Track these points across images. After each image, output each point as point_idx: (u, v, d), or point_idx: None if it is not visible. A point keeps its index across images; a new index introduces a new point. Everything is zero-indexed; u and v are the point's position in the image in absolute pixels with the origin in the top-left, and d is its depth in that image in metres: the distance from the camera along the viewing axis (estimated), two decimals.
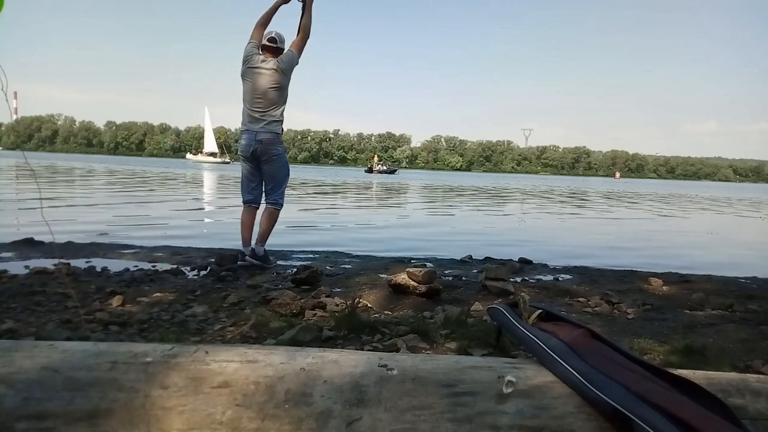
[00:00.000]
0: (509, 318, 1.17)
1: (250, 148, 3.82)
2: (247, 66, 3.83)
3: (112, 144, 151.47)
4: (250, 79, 3.82)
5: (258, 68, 3.80)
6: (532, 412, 0.88)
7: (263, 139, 3.81)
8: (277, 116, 3.87)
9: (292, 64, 3.87)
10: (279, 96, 3.86)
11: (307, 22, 3.87)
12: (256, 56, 3.83)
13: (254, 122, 3.83)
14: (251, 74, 3.81)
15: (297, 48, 3.89)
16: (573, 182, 57.25)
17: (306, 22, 3.87)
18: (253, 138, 3.81)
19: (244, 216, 3.96)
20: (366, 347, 2.11)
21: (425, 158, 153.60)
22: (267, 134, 3.82)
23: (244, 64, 3.85)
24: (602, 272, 4.39)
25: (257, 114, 3.82)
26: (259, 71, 3.80)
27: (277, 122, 3.88)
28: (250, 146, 3.82)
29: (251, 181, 3.96)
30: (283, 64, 3.81)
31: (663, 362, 2.01)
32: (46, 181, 16.46)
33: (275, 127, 3.87)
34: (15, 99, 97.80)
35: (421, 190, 23.51)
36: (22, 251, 4.30)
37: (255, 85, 3.80)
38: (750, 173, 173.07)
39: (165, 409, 0.85)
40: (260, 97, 3.81)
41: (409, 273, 3.04)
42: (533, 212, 12.80)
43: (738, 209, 17.49)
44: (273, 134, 3.85)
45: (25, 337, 2.09)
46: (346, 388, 0.88)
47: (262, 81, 3.79)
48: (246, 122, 3.88)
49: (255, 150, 3.82)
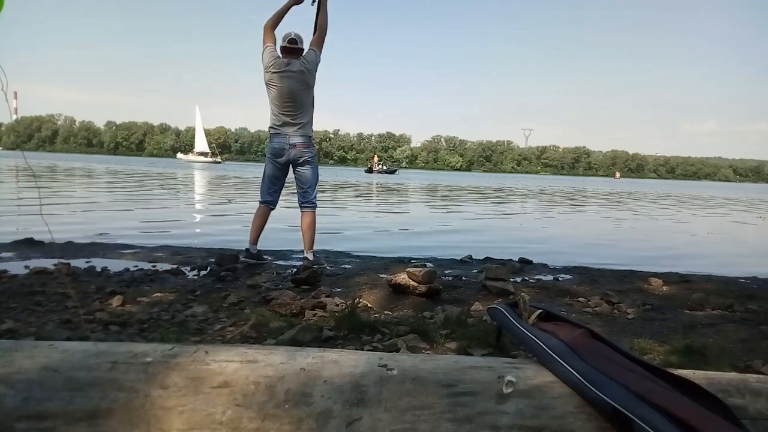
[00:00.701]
0: (509, 318, 1.17)
1: (284, 152, 3.85)
2: (272, 72, 3.79)
3: (112, 144, 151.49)
4: (277, 84, 3.79)
5: (284, 72, 3.78)
6: (532, 412, 0.88)
7: (297, 143, 3.84)
8: (308, 118, 3.92)
9: (316, 64, 3.88)
10: (308, 97, 3.89)
11: (323, 20, 3.87)
12: (278, 60, 3.80)
13: (286, 126, 3.84)
14: (278, 79, 3.79)
15: (317, 46, 3.89)
16: (573, 182, 57.25)
17: (322, 20, 3.86)
18: (287, 142, 3.83)
19: (258, 216, 3.96)
20: (366, 347, 2.11)
21: (425, 158, 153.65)
22: (301, 138, 3.85)
23: (268, 70, 3.80)
24: (602, 272, 4.39)
25: (288, 118, 3.83)
26: (286, 75, 3.78)
27: (309, 124, 3.93)
28: (284, 150, 3.84)
29: (274, 183, 3.97)
30: (308, 64, 3.81)
31: (663, 362, 2.01)
32: (46, 181, 16.46)
33: (308, 130, 3.92)
34: (15, 99, 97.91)
35: (421, 190, 23.51)
36: (22, 251, 4.30)
37: (284, 89, 3.78)
38: (750, 173, 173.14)
39: (165, 409, 0.86)
40: (290, 101, 3.81)
41: (409, 273, 3.04)
42: (533, 212, 12.81)
43: (738, 209, 17.49)
44: (306, 137, 3.89)
45: (25, 337, 2.09)
46: (346, 388, 0.88)
47: (291, 84, 3.79)
48: (277, 125, 3.87)
49: (289, 154, 3.85)
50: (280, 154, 3.87)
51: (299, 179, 3.97)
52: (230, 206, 10.76)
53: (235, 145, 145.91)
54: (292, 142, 3.83)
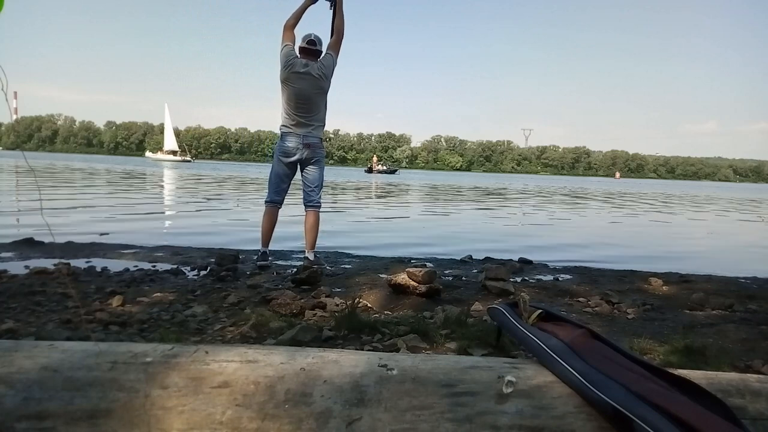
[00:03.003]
0: (509, 318, 1.17)
1: (297, 151, 3.87)
2: (290, 71, 3.80)
3: (112, 144, 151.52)
4: (293, 84, 3.81)
5: (301, 74, 3.79)
6: (532, 412, 0.88)
7: (310, 143, 3.88)
8: (321, 120, 3.96)
9: (332, 69, 3.90)
10: (322, 100, 3.92)
11: (339, 22, 3.88)
12: (297, 60, 3.81)
13: (300, 126, 3.86)
14: (295, 79, 3.80)
15: (335, 50, 3.92)
16: (573, 182, 57.24)
17: (339, 22, 3.88)
18: (300, 142, 3.85)
19: (267, 216, 3.97)
20: (366, 347, 2.11)
21: (425, 158, 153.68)
22: (313, 138, 3.89)
23: (286, 69, 3.81)
24: (602, 272, 4.39)
25: (302, 119, 3.86)
26: (303, 77, 3.79)
27: (322, 126, 3.98)
28: (297, 149, 3.87)
29: (283, 182, 3.98)
30: (325, 69, 3.84)
31: (663, 362, 2.01)
32: (46, 181, 16.45)
33: (320, 131, 3.96)
34: (15, 99, 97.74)
35: (421, 190, 23.51)
36: (22, 251, 4.30)
37: (299, 90, 3.80)
38: (750, 173, 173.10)
39: (165, 409, 0.86)
40: (304, 103, 3.83)
41: (409, 273, 3.04)
42: (533, 212, 12.80)
43: (738, 209, 17.49)
44: (318, 138, 3.94)
45: (25, 337, 2.09)
46: (346, 388, 0.88)
47: (306, 87, 3.81)
48: (290, 125, 3.89)
49: (302, 153, 3.88)
50: (291, 153, 3.88)
51: (307, 179, 4.00)
52: (229, 205, 10.76)
53: (235, 145, 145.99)
54: (305, 143, 3.86)
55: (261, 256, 3.90)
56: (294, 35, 3.89)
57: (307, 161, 3.93)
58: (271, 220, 3.96)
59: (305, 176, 4.00)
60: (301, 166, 3.98)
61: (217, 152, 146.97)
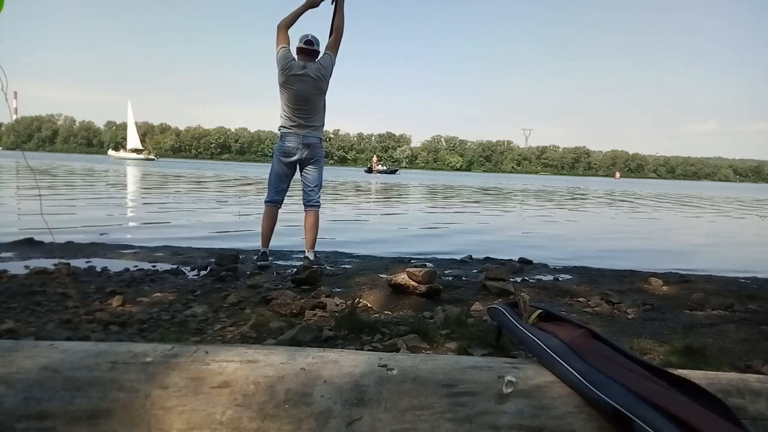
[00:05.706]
0: (509, 318, 1.17)
1: (297, 151, 3.88)
2: (288, 74, 3.79)
3: (112, 144, 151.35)
4: (292, 87, 3.81)
5: (300, 76, 3.78)
6: (532, 412, 0.88)
7: (310, 143, 3.89)
8: (321, 122, 3.98)
9: (331, 69, 3.90)
10: (321, 101, 3.93)
11: (339, 22, 3.86)
12: (294, 63, 3.80)
13: (300, 128, 3.88)
14: (293, 82, 3.80)
15: (333, 50, 3.90)
16: (573, 182, 57.25)
17: (339, 22, 3.86)
18: (301, 142, 3.87)
19: (267, 216, 3.97)
20: (366, 347, 2.11)
21: (425, 158, 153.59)
22: (314, 139, 3.91)
23: (284, 72, 3.80)
24: (602, 272, 4.39)
25: (302, 120, 3.87)
26: (301, 79, 3.79)
27: (321, 126, 4.00)
28: (297, 149, 3.88)
29: (283, 181, 3.99)
30: (324, 70, 3.83)
31: (663, 362, 2.01)
32: (46, 180, 16.45)
33: (320, 131, 3.98)
34: (15, 99, 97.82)
35: (421, 189, 23.51)
36: (22, 251, 4.30)
37: (298, 93, 3.80)
38: (750, 173, 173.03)
39: (165, 409, 0.86)
40: (304, 104, 3.84)
41: (409, 273, 3.04)
42: (533, 212, 12.80)
43: (738, 209, 17.49)
44: (318, 139, 3.96)
45: (25, 337, 2.09)
46: (346, 388, 0.88)
47: (305, 88, 3.81)
48: (290, 126, 3.90)
49: (302, 153, 3.89)
50: (291, 153, 3.89)
51: (306, 179, 4.01)
52: (224, 205, 10.76)
53: (235, 145, 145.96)
54: (306, 143, 3.87)
55: (261, 256, 3.90)
56: (288, 36, 3.87)
57: (306, 161, 3.95)
58: (271, 220, 3.97)
59: (305, 176, 4.01)
60: (301, 166, 3.99)
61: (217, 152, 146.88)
